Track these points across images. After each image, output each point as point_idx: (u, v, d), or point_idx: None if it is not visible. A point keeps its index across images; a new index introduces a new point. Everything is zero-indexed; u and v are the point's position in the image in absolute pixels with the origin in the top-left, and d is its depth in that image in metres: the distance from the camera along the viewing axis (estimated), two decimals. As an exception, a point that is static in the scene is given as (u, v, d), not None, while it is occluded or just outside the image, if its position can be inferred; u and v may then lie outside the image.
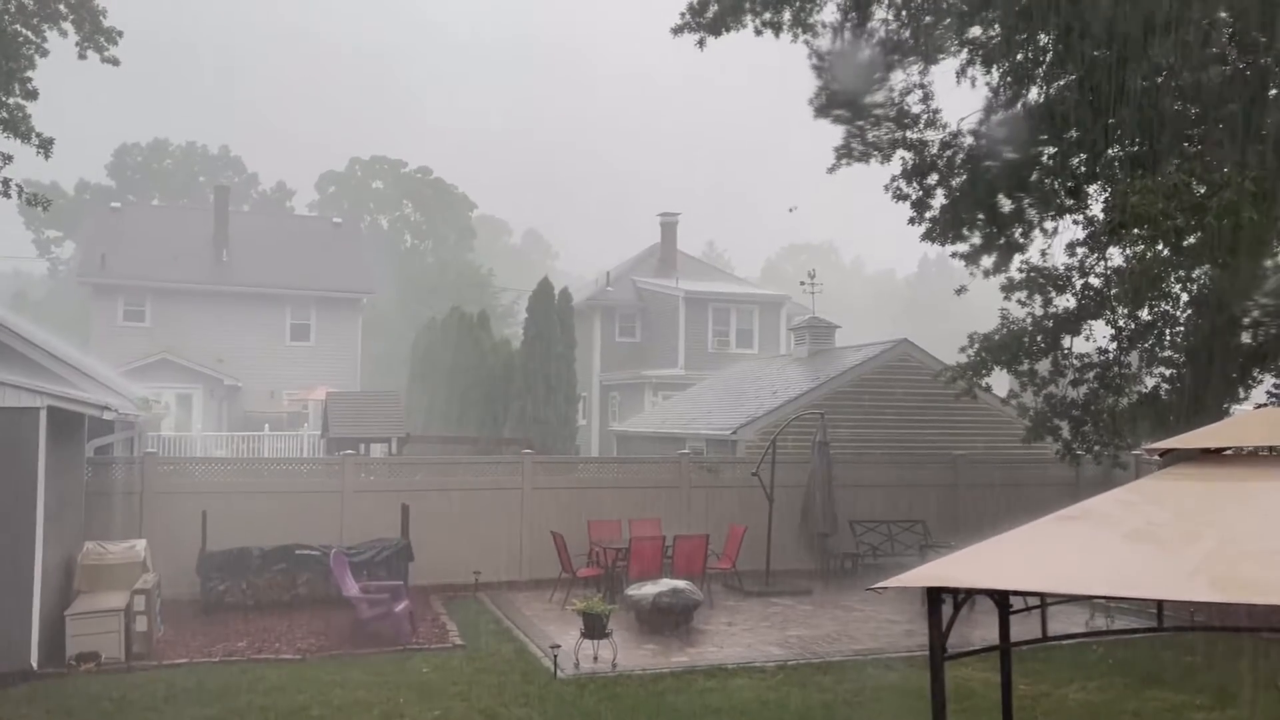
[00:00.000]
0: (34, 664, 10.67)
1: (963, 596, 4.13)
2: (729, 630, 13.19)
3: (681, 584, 13.00)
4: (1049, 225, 15.73)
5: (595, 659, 11.21)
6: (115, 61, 10.93)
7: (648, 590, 12.82)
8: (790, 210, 27.55)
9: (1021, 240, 15.83)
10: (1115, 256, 14.60)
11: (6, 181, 10.33)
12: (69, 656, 10.87)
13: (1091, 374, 15.53)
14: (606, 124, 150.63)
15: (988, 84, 15.11)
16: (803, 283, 26.73)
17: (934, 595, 4.06)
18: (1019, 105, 14.96)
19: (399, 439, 22.20)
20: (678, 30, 15.47)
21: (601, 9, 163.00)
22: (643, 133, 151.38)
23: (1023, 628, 5.03)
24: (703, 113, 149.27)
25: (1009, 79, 14.80)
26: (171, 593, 13.29)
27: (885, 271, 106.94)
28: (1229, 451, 4.49)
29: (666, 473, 17.64)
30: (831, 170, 16.51)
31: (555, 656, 10.96)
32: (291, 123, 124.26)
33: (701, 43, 15.45)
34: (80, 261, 39.27)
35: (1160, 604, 4.52)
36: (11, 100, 10.15)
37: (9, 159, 10.34)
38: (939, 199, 15.87)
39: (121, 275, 35.80)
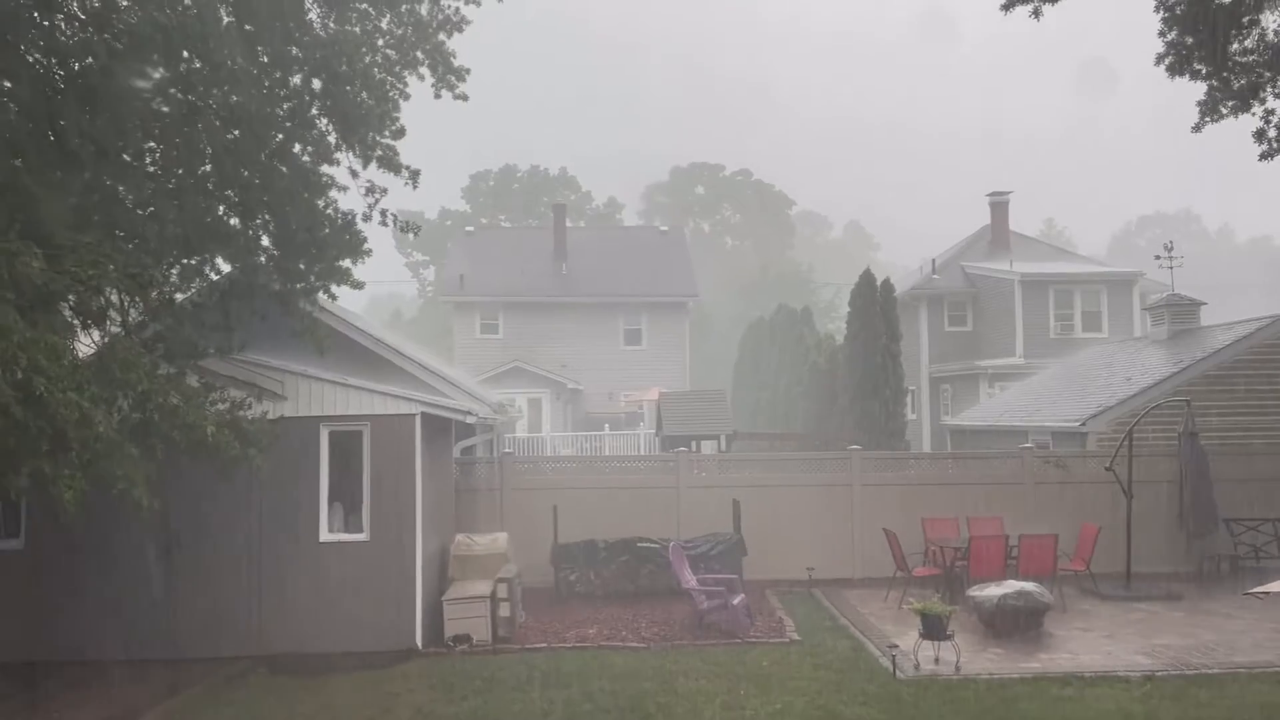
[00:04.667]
0: (418, 643, 12.03)
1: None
2: (1085, 636, 12.23)
3: (1029, 586, 12.25)
4: None
5: (936, 661, 10.84)
6: (465, 97, 12.00)
7: (992, 591, 12.20)
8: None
9: None
10: None
11: (384, 212, 11.63)
12: (447, 637, 12.13)
13: None
14: (925, 105, 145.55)
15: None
16: (1158, 257, 24.18)
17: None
18: None
19: (727, 436, 22.71)
20: (1008, 6, 14.56)
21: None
22: (963, 111, 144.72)
23: None
24: (1028, 86, 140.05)
25: None
26: (528, 581, 14.42)
27: (1261, 238, 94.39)
28: None
29: (1007, 468, 16.67)
30: (1196, 129, 14.82)
31: (894, 657, 10.72)
32: (617, 137, 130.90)
33: (1036, 12, 14.43)
34: (443, 281, 43.70)
35: None
36: (384, 139, 11.45)
37: (385, 192, 11.64)
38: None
39: (477, 293, 39.47)
